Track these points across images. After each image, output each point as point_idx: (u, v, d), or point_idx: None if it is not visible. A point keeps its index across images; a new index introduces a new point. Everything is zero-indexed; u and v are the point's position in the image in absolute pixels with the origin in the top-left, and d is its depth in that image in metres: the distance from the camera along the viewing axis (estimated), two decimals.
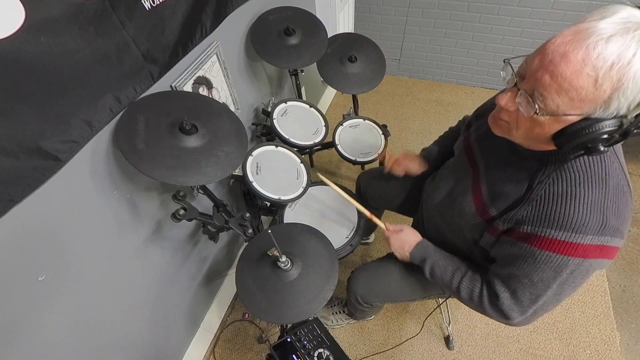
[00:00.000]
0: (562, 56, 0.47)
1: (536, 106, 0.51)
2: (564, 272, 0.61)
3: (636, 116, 0.48)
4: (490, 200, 0.70)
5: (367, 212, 1.00)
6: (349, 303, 1.17)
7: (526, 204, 0.63)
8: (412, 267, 0.90)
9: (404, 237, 0.89)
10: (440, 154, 1.07)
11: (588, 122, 0.49)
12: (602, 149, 0.51)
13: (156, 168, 0.71)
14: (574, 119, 0.50)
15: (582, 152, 0.54)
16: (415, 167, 1.07)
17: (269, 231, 0.76)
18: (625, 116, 0.48)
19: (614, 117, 0.49)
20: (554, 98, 0.49)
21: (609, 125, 0.49)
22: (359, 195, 1.30)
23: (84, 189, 0.74)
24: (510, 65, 0.57)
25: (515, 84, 0.55)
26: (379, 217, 1.00)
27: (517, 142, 0.63)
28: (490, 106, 0.82)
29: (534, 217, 0.62)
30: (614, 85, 0.45)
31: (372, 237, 1.69)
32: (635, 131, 0.49)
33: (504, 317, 0.71)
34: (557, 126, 0.53)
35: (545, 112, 0.51)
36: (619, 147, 0.62)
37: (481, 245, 0.76)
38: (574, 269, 0.60)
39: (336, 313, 1.42)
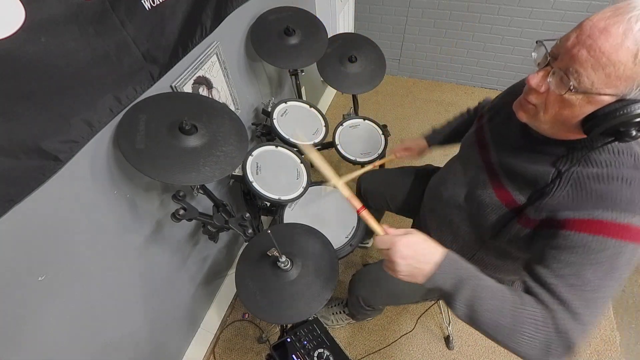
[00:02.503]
0: (601, 30, 0.45)
1: (570, 83, 0.49)
2: (621, 259, 0.51)
3: None
4: (515, 189, 0.66)
5: (356, 203, 0.68)
6: (351, 305, 1.16)
7: (560, 189, 0.58)
8: None
9: (417, 247, 0.59)
10: (446, 137, 1.09)
11: (622, 103, 0.48)
12: (634, 133, 0.49)
13: (156, 168, 0.71)
14: (607, 99, 0.48)
15: (612, 138, 0.52)
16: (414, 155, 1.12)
17: (269, 231, 0.76)
18: None
19: None
20: (590, 74, 0.47)
21: None
22: (359, 196, 1.30)
23: (84, 189, 0.74)
24: (544, 45, 0.55)
25: (548, 63, 0.53)
26: (379, 219, 0.96)
27: (542, 128, 0.60)
28: (502, 98, 0.81)
29: (574, 201, 0.56)
30: None
31: (370, 242, 1.69)
32: None
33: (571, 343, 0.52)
34: (589, 108, 0.50)
35: (579, 90, 0.49)
36: None
37: (501, 239, 0.70)
38: (631, 257, 0.51)
39: (336, 313, 1.41)
